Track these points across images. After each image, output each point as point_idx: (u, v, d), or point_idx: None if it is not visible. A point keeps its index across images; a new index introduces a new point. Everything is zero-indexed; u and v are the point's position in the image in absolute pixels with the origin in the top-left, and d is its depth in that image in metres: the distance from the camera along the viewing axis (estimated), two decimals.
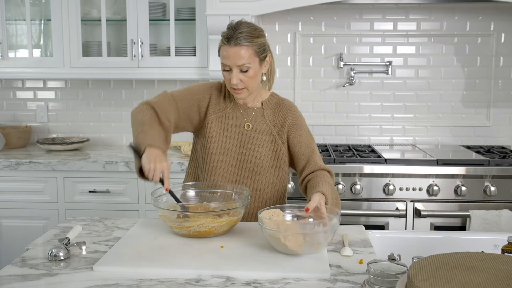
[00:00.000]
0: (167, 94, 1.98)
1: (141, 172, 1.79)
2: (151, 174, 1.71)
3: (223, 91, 2.02)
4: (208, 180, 1.97)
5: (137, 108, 1.97)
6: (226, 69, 1.87)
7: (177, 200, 1.76)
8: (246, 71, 1.85)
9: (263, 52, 1.89)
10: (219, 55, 1.90)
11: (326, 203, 1.73)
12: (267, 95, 2.02)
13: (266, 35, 1.94)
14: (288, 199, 2.10)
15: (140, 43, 3.11)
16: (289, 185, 2.79)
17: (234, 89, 1.89)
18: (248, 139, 1.96)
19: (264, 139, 1.97)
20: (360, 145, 3.30)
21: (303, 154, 1.96)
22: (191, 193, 1.90)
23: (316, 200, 1.69)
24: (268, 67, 1.96)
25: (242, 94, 1.91)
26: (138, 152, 1.77)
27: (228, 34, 1.85)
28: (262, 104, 2.00)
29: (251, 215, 1.97)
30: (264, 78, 1.98)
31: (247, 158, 1.96)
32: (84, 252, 1.58)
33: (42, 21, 3.34)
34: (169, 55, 3.16)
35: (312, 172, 1.93)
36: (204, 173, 1.99)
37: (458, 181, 2.76)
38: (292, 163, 2.03)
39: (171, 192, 1.75)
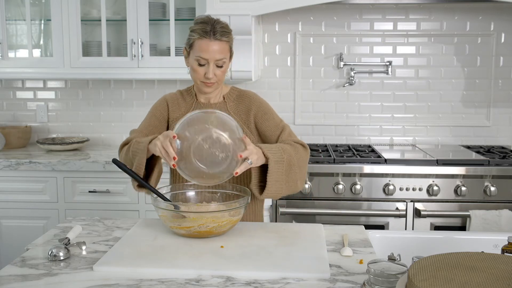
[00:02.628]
0: (134, 130, 2.02)
1: (139, 186, 1.81)
2: (162, 150, 1.70)
3: (181, 95, 2.04)
4: (182, 182, 1.94)
5: (121, 148, 1.96)
6: (202, 63, 1.87)
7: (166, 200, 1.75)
8: (221, 66, 1.88)
9: (231, 48, 1.93)
10: (190, 48, 1.89)
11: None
12: (227, 89, 2.04)
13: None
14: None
15: (140, 43, 3.11)
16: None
17: (206, 83, 1.89)
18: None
19: None
20: (360, 145, 3.30)
21: (274, 136, 1.96)
22: (191, 193, 1.90)
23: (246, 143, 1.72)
24: (231, 63, 1.99)
25: (212, 87, 1.92)
26: (123, 167, 1.77)
27: (207, 28, 1.85)
28: (224, 98, 2.01)
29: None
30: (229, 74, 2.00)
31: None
32: (84, 252, 1.58)
33: (42, 21, 3.34)
34: (169, 55, 3.16)
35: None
36: (180, 179, 1.95)
37: (458, 181, 2.76)
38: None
39: (160, 195, 1.74)
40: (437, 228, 2.77)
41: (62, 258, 1.51)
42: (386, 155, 2.91)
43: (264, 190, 1.78)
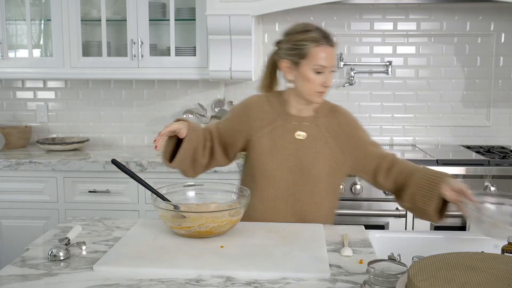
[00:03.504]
0: (214, 123, 2.01)
1: (170, 161, 1.89)
2: (165, 128, 1.81)
3: (268, 101, 1.94)
4: (264, 198, 1.88)
5: None
6: (320, 71, 1.80)
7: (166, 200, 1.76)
8: (334, 71, 1.84)
9: None
10: (301, 58, 1.81)
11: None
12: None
13: None
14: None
15: (140, 43, 3.11)
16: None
17: (321, 92, 1.83)
18: (304, 150, 1.87)
19: (321, 148, 1.88)
20: None
21: (371, 154, 1.90)
22: (191, 193, 1.90)
23: (458, 183, 1.68)
24: None
25: (322, 97, 1.86)
26: (122, 168, 1.77)
27: (322, 34, 1.80)
28: (315, 112, 1.92)
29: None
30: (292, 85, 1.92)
31: (304, 169, 1.86)
32: (84, 252, 1.58)
33: (42, 21, 3.34)
34: (169, 55, 3.16)
35: (393, 166, 1.88)
36: (259, 191, 1.89)
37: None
38: (357, 168, 1.93)
39: (160, 195, 1.75)
40: (437, 228, 2.77)
41: (62, 258, 1.51)
42: None
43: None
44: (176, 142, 1.92)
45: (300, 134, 1.89)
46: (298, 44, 1.82)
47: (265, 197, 1.89)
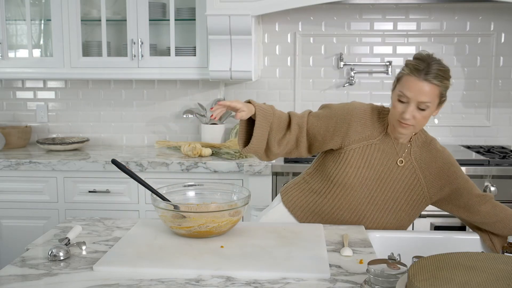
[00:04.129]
0: (305, 112, 1.94)
1: (244, 146, 1.86)
2: (228, 102, 1.74)
3: (371, 116, 1.88)
4: (334, 204, 1.88)
5: None
6: (403, 100, 1.74)
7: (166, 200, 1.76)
8: (424, 109, 1.73)
9: (444, 95, 1.78)
10: (396, 82, 1.78)
11: None
12: None
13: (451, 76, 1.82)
14: None
15: (140, 43, 3.11)
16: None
17: (402, 122, 1.76)
18: (389, 174, 1.85)
19: (407, 177, 1.85)
20: None
21: (466, 189, 1.86)
22: (191, 193, 1.90)
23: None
24: (439, 111, 1.83)
25: (407, 130, 1.78)
26: (122, 168, 1.77)
27: (419, 66, 1.72)
28: (410, 141, 1.87)
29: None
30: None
31: (383, 192, 1.86)
32: (84, 252, 1.58)
33: (42, 21, 3.34)
34: (169, 55, 3.16)
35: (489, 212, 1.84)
36: (332, 196, 1.89)
37: None
38: (449, 207, 1.92)
39: (160, 195, 1.74)
40: (437, 228, 2.77)
41: (62, 258, 1.51)
42: None
43: None
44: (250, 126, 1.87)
45: (402, 162, 1.86)
46: (402, 68, 1.79)
47: (335, 204, 1.89)
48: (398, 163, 1.85)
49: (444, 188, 1.87)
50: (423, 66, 1.72)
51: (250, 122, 1.86)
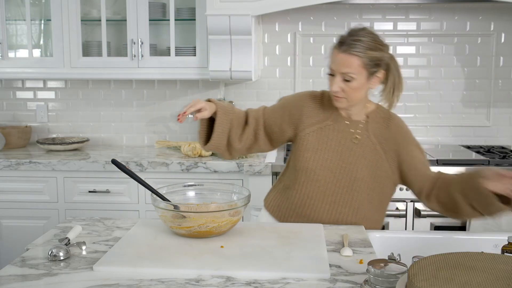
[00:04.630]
0: (262, 106, 1.99)
1: (204, 144, 1.91)
2: (190, 106, 1.79)
3: (322, 100, 1.93)
4: (302, 194, 1.89)
5: None
6: (331, 73, 1.80)
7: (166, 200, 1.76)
8: (349, 81, 1.76)
9: (374, 66, 1.78)
10: (329, 57, 1.84)
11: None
12: (372, 107, 1.93)
13: (385, 49, 1.82)
14: None
15: (140, 43, 3.11)
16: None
17: (334, 95, 1.81)
18: (349, 153, 1.86)
19: (367, 154, 1.86)
20: None
21: (419, 173, 1.88)
22: (191, 193, 1.90)
23: (489, 171, 1.66)
24: (378, 83, 1.84)
25: (340, 103, 1.82)
26: (122, 168, 1.77)
27: (343, 38, 1.77)
28: (367, 117, 1.91)
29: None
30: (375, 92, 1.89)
31: (347, 171, 1.86)
32: (84, 252, 1.58)
33: (42, 21, 3.34)
34: (169, 55, 3.16)
35: (434, 187, 1.87)
36: (299, 184, 1.90)
37: None
38: (405, 181, 1.93)
39: (160, 195, 1.74)
40: (437, 228, 2.77)
41: (62, 258, 1.51)
42: None
43: None
44: (211, 124, 1.93)
45: (356, 138, 1.88)
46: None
47: (304, 193, 1.90)
48: (353, 140, 1.88)
49: (401, 165, 1.88)
50: (346, 38, 1.77)
51: (211, 120, 1.92)
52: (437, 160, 2.80)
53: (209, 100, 1.88)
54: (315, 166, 1.87)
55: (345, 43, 1.76)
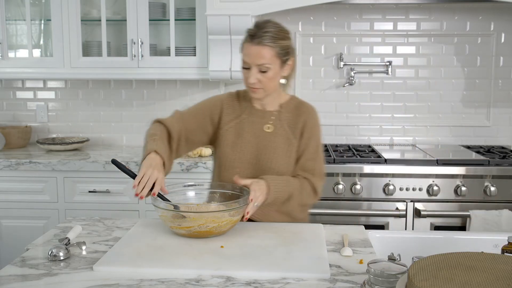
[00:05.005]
0: (178, 112, 2.00)
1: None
2: (145, 178, 1.65)
3: (238, 97, 2.00)
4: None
5: (150, 127, 1.96)
6: (246, 66, 1.84)
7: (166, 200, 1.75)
8: (265, 71, 1.82)
9: (285, 54, 1.85)
10: (241, 52, 1.88)
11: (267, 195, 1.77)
12: (286, 97, 1.98)
13: (291, 37, 1.91)
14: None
15: (140, 43, 3.11)
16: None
17: (251, 87, 1.86)
18: (264, 144, 1.92)
19: (280, 143, 1.92)
20: (360, 145, 3.30)
21: (298, 166, 1.93)
22: (191, 193, 1.90)
23: (248, 182, 1.74)
24: (289, 70, 1.91)
25: (258, 94, 1.88)
26: (122, 168, 1.77)
27: (252, 32, 1.82)
28: (280, 107, 1.96)
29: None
30: (284, 81, 1.93)
31: (263, 163, 1.91)
32: (84, 252, 1.58)
33: (42, 21, 3.34)
34: (169, 55, 3.16)
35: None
36: (222, 180, 1.95)
37: (458, 181, 2.76)
38: None
39: (159, 195, 1.73)
40: (437, 228, 2.77)
41: (62, 258, 1.51)
42: (386, 155, 2.91)
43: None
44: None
45: (269, 128, 1.93)
46: (244, 37, 1.88)
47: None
48: (265, 129, 1.93)
49: (299, 146, 1.94)
50: (256, 31, 1.82)
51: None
52: (437, 160, 2.81)
53: (154, 150, 1.78)
54: (234, 160, 1.92)
55: (256, 36, 1.81)
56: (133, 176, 1.77)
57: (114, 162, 1.79)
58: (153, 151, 1.76)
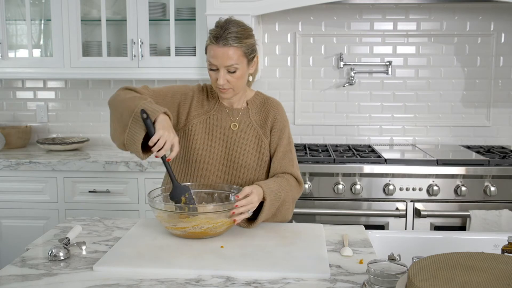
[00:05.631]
0: (146, 88, 1.95)
1: (143, 145, 1.73)
2: (162, 141, 1.64)
3: (206, 93, 1.99)
4: (195, 182, 1.94)
5: (118, 93, 1.91)
6: (213, 68, 1.83)
7: (172, 176, 1.76)
8: (234, 72, 1.82)
9: (251, 52, 1.86)
10: (206, 53, 1.87)
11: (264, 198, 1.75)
12: (252, 94, 1.99)
13: (254, 34, 1.92)
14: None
15: (140, 43, 3.11)
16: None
17: (220, 88, 1.85)
18: (234, 140, 1.92)
19: (250, 140, 1.93)
20: (360, 145, 3.30)
21: (276, 159, 1.93)
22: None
23: (246, 191, 1.71)
24: (255, 67, 1.93)
25: (227, 94, 1.87)
26: (146, 120, 1.69)
27: (216, 33, 1.80)
28: (247, 104, 1.97)
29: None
30: (251, 78, 1.95)
31: (234, 159, 1.92)
32: (84, 252, 1.58)
33: (42, 21, 3.34)
34: (169, 55, 3.16)
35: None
36: (191, 175, 1.95)
37: (458, 181, 2.76)
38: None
39: (163, 159, 1.71)
40: (437, 228, 2.77)
41: (62, 258, 1.51)
42: (386, 155, 2.91)
43: (253, 224, 1.79)
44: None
45: (235, 126, 1.94)
46: (208, 38, 1.86)
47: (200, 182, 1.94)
48: (231, 127, 1.93)
49: (271, 143, 1.94)
50: (220, 32, 1.80)
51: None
52: (437, 160, 2.81)
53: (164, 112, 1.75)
54: (204, 156, 1.92)
55: (221, 37, 1.79)
56: (164, 165, 1.76)
57: (143, 112, 1.71)
58: (162, 112, 1.72)
